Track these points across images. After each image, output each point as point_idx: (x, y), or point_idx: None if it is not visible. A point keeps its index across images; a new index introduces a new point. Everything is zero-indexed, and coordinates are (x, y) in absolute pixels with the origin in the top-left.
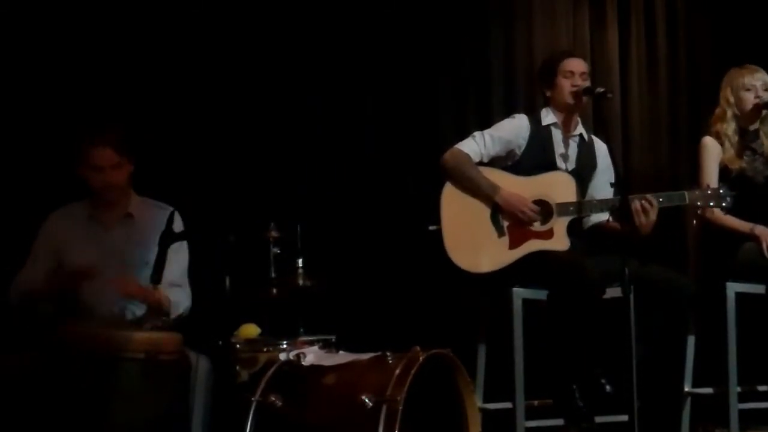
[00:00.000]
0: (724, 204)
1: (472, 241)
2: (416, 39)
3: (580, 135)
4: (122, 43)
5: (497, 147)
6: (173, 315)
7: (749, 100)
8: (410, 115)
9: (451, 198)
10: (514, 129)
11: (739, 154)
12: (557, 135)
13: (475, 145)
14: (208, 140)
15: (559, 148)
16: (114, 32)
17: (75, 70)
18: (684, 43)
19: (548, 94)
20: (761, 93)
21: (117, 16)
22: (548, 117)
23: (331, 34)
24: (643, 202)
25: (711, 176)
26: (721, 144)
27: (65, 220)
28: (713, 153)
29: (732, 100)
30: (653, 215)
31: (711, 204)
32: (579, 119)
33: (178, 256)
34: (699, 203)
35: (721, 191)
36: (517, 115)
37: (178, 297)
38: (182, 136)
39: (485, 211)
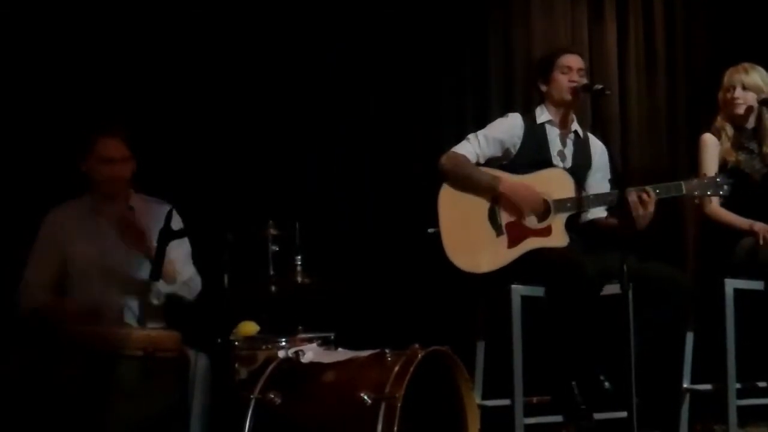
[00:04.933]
0: (721, 192)
1: (470, 241)
2: (415, 39)
3: (575, 132)
4: (122, 42)
5: (492, 147)
6: (179, 280)
7: (728, 100)
8: (410, 113)
9: (448, 200)
10: (508, 128)
11: (735, 148)
12: (553, 132)
13: (470, 147)
14: (207, 138)
15: (555, 145)
16: (113, 32)
17: (75, 71)
18: (682, 41)
19: (544, 89)
20: (738, 93)
21: (116, 15)
22: (543, 115)
23: (330, 34)
24: (642, 194)
25: (710, 172)
26: (719, 138)
27: (65, 216)
28: (712, 149)
29: (722, 101)
30: (651, 207)
31: (708, 193)
32: (574, 116)
33: (180, 245)
34: (696, 193)
35: (717, 179)
36: (510, 114)
37: (185, 269)
38: (180, 135)
39: (483, 211)
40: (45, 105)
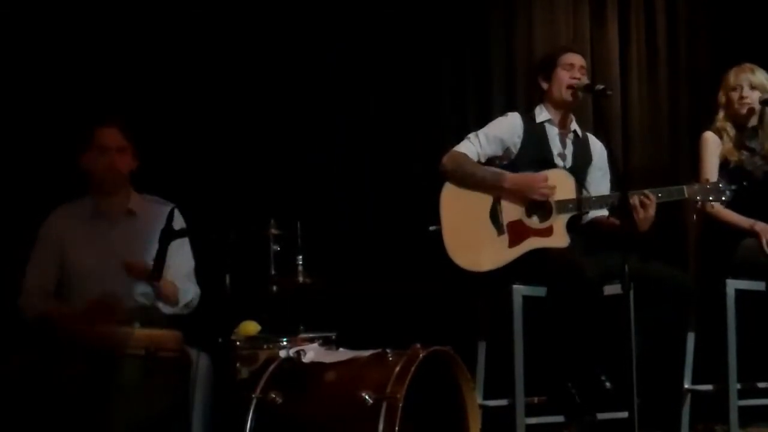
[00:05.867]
0: (723, 198)
1: (472, 240)
2: (416, 39)
3: (575, 132)
4: (124, 41)
5: (493, 146)
6: (181, 302)
7: (734, 100)
8: (411, 112)
9: (450, 198)
10: (508, 127)
11: (737, 147)
12: (552, 132)
13: (471, 146)
14: (208, 138)
15: (555, 146)
16: (115, 31)
17: (77, 70)
18: (684, 40)
19: (545, 86)
20: (746, 92)
21: (118, 13)
22: (542, 114)
23: (330, 34)
24: (642, 197)
25: (711, 171)
26: (721, 138)
27: (67, 218)
28: (713, 147)
29: (723, 100)
30: (651, 210)
31: (710, 198)
32: (573, 116)
33: (184, 256)
34: (698, 198)
35: (720, 185)
36: (509, 114)
37: (186, 285)
38: (182, 134)
39: (484, 210)
40: (46, 105)
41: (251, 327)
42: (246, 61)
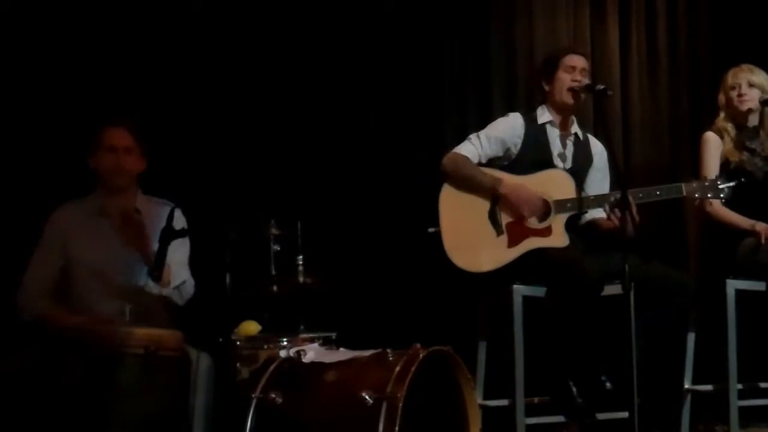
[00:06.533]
0: (721, 195)
1: (471, 241)
2: (417, 39)
3: (576, 134)
4: (126, 42)
5: (493, 147)
6: (173, 284)
7: (734, 98)
8: (411, 113)
9: (450, 199)
10: (509, 128)
11: (738, 147)
12: (553, 133)
13: (471, 147)
14: (209, 137)
15: (555, 147)
16: (119, 31)
17: (82, 71)
18: (684, 40)
19: (547, 88)
20: (745, 89)
21: (119, 15)
22: (544, 115)
23: (332, 35)
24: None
25: (712, 171)
26: (722, 138)
27: (72, 215)
28: (714, 148)
29: (723, 101)
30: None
31: (709, 195)
32: (574, 118)
33: (180, 248)
34: (696, 195)
35: (718, 182)
36: (510, 114)
37: (180, 273)
38: (183, 134)
39: (483, 211)
40: (53, 105)
41: (251, 327)
42: (248, 61)
